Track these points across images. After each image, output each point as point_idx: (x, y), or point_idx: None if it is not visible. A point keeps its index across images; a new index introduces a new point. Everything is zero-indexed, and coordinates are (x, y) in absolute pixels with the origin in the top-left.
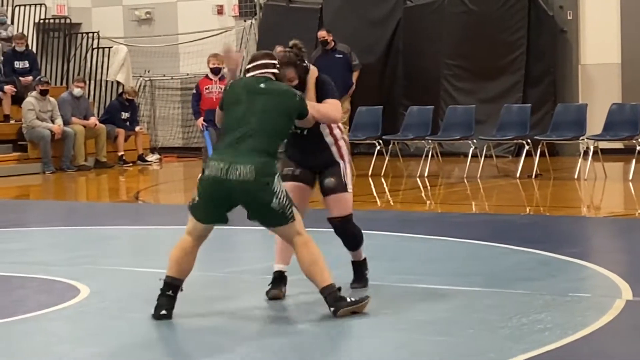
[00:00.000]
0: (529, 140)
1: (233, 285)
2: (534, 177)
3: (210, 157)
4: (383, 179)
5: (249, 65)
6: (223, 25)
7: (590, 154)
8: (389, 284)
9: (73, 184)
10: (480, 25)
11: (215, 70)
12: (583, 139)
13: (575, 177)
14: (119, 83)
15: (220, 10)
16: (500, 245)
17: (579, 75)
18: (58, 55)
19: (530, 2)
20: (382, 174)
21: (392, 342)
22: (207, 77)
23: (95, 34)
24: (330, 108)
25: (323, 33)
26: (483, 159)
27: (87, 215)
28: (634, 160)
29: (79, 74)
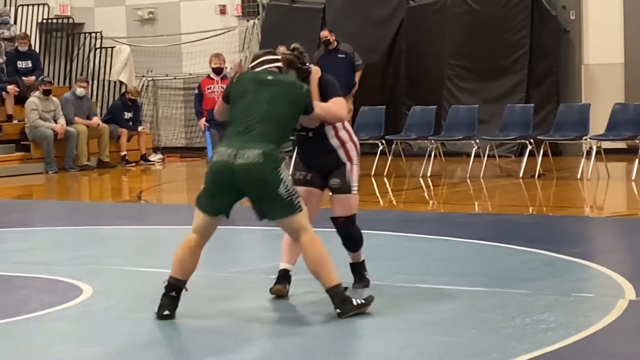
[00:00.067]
0: (532, 140)
1: (236, 285)
2: (537, 177)
3: (220, 144)
4: (386, 179)
5: (252, 64)
6: (226, 25)
7: (593, 154)
8: (392, 284)
9: (76, 184)
10: (483, 25)
11: (217, 70)
12: (586, 139)
13: (578, 177)
14: (122, 83)
15: (223, 10)
16: (503, 245)
17: (582, 75)
18: (61, 55)
19: (533, 1)
20: (384, 174)
21: (395, 342)
22: (209, 77)
23: (98, 34)
24: (335, 106)
25: (325, 33)
26: (486, 159)
27: (90, 215)
28: (637, 160)
29: (82, 74)
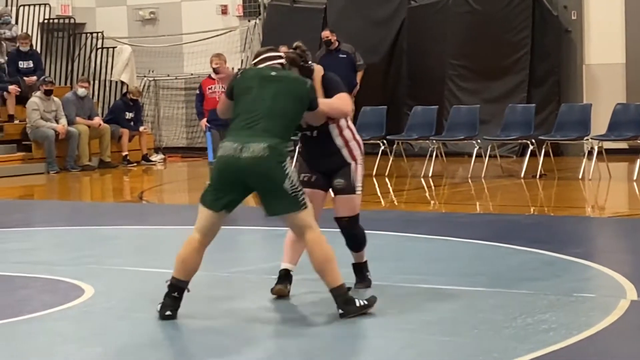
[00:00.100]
0: (533, 140)
1: (237, 285)
2: (539, 177)
3: (225, 139)
4: (387, 179)
5: (255, 60)
6: (227, 25)
7: (595, 154)
8: (394, 284)
9: (77, 184)
10: (485, 25)
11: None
12: (587, 139)
13: (580, 177)
14: (123, 83)
15: (225, 10)
16: (505, 246)
17: (584, 75)
18: (62, 55)
19: (535, 2)
20: (386, 174)
21: (396, 342)
22: (209, 77)
23: (100, 34)
24: (340, 102)
25: (327, 33)
26: (487, 159)
27: (91, 215)
28: (639, 160)
29: (83, 74)
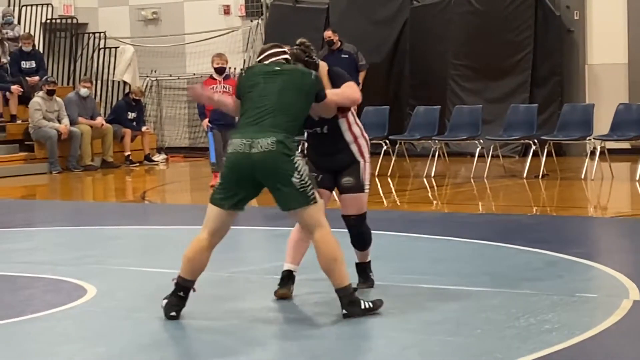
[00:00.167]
0: (536, 140)
1: (240, 285)
2: (541, 177)
3: (233, 135)
4: (390, 179)
5: (259, 57)
6: (229, 25)
7: (597, 154)
8: (396, 284)
9: (80, 184)
10: (487, 25)
11: (220, 70)
12: (590, 139)
13: (582, 177)
14: (126, 83)
15: (227, 10)
16: (507, 246)
17: (586, 75)
18: (65, 55)
19: (537, 2)
20: (388, 174)
21: (399, 342)
22: (211, 77)
23: (102, 34)
24: (349, 90)
25: (329, 33)
26: (490, 159)
27: (93, 215)
28: None
29: (86, 74)
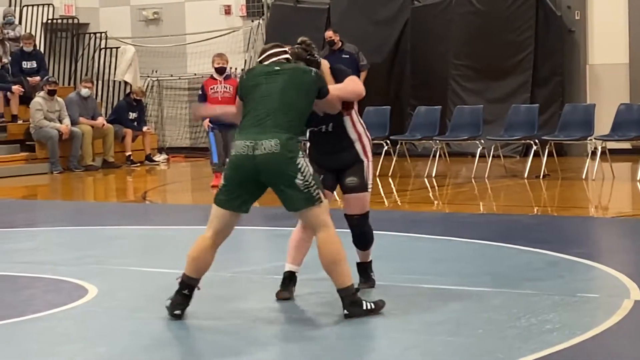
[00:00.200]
0: (537, 141)
1: (241, 285)
2: (542, 177)
3: (236, 137)
4: (391, 179)
5: (260, 58)
6: (230, 26)
7: (598, 154)
8: (397, 284)
9: (81, 184)
10: (488, 26)
11: (220, 70)
12: (591, 139)
13: (583, 177)
14: (127, 83)
15: (228, 11)
16: (508, 246)
17: (587, 76)
18: (66, 56)
19: (538, 2)
20: (389, 174)
21: (400, 342)
22: (212, 77)
23: (103, 34)
24: (351, 83)
25: (330, 33)
26: (491, 159)
27: (94, 215)
28: None
29: (87, 74)
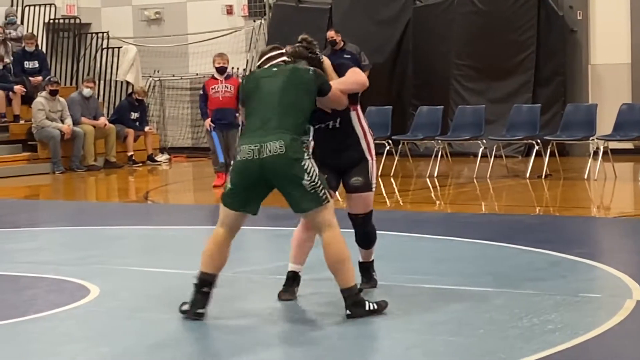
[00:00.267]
0: (539, 141)
1: (243, 285)
2: (544, 177)
3: (240, 141)
4: (392, 179)
5: (259, 62)
6: (232, 25)
7: (600, 154)
8: (399, 284)
9: (82, 184)
10: (490, 25)
11: (221, 70)
12: (593, 139)
13: (585, 177)
14: (129, 83)
15: (230, 11)
16: (510, 246)
17: (589, 75)
18: (68, 55)
19: (540, 2)
20: (391, 174)
21: (403, 342)
22: (213, 77)
23: (105, 34)
24: (353, 75)
25: (332, 33)
26: (493, 159)
27: (96, 215)
28: None
29: (89, 74)
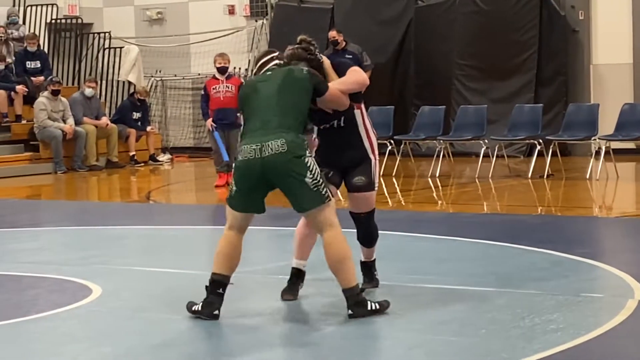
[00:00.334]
0: (541, 140)
1: (244, 285)
2: (546, 177)
3: (241, 142)
4: (394, 179)
5: (255, 68)
6: (234, 26)
7: (602, 154)
8: (401, 284)
9: (84, 184)
10: (492, 25)
11: (222, 70)
12: (595, 139)
13: (587, 177)
14: (131, 83)
15: (232, 10)
16: (512, 246)
17: (591, 75)
18: (70, 55)
19: (542, 1)
20: (393, 174)
21: (405, 342)
22: (214, 77)
23: (107, 34)
24: (353, 75)
25: (333, 33)
26: (495, 159)
27: (98, 215)
28: None
29: (91, 74)
